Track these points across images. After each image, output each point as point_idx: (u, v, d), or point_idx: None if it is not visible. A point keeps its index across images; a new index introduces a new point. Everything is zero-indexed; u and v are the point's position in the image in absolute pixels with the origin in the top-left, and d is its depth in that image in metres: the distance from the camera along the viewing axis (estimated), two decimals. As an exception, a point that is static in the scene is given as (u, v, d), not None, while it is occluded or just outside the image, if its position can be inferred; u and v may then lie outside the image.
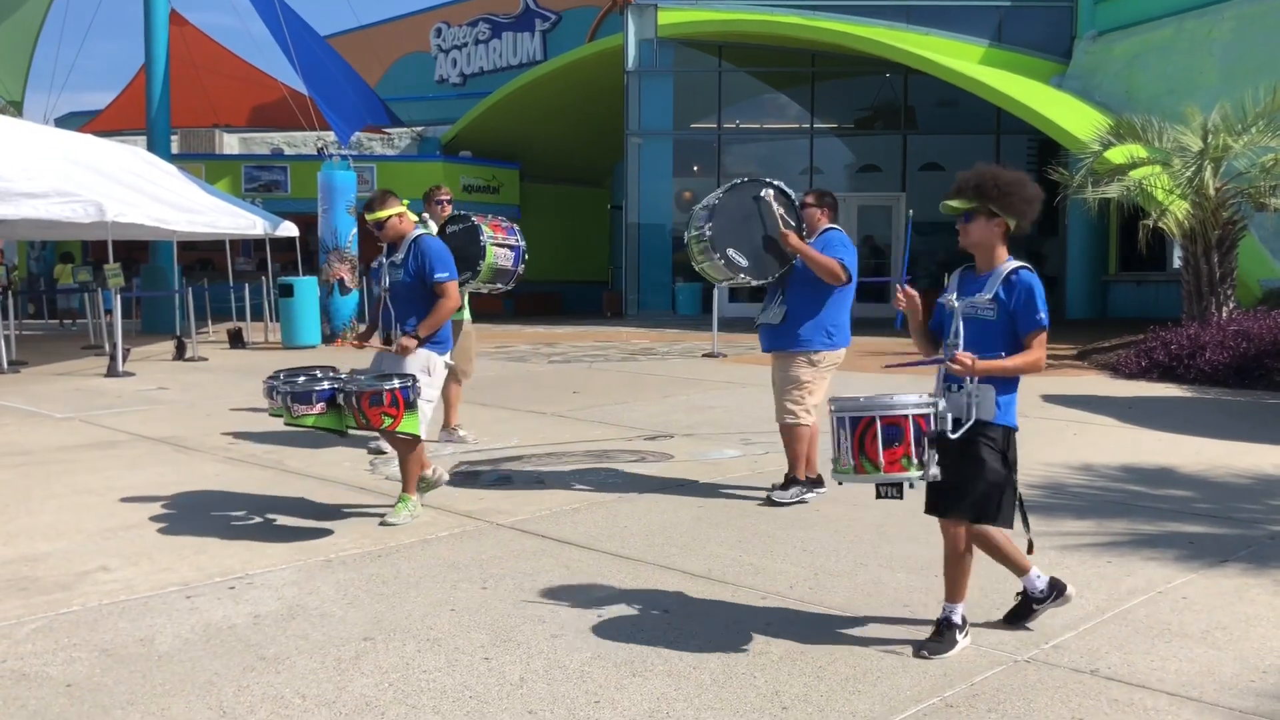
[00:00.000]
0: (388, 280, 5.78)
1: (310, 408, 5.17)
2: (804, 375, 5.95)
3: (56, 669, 3.64)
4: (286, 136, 25.61)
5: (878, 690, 3.46)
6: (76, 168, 13.93)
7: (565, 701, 3.37)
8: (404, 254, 5.73)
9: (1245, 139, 12.67)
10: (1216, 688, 3.47)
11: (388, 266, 5.79)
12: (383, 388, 5.14)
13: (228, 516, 5.78)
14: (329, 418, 5.23)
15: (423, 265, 5.69)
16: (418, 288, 5.72)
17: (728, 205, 5.88)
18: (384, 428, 5.21)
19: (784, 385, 5.99)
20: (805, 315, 5.93)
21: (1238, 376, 10.89)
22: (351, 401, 5.13)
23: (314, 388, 5.20)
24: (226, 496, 6.25)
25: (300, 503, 6.08)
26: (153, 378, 12.18)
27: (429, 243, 5.78)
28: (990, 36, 21.18)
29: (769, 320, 6.02)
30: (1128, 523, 5.59)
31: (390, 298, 5.76)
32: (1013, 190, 3.78)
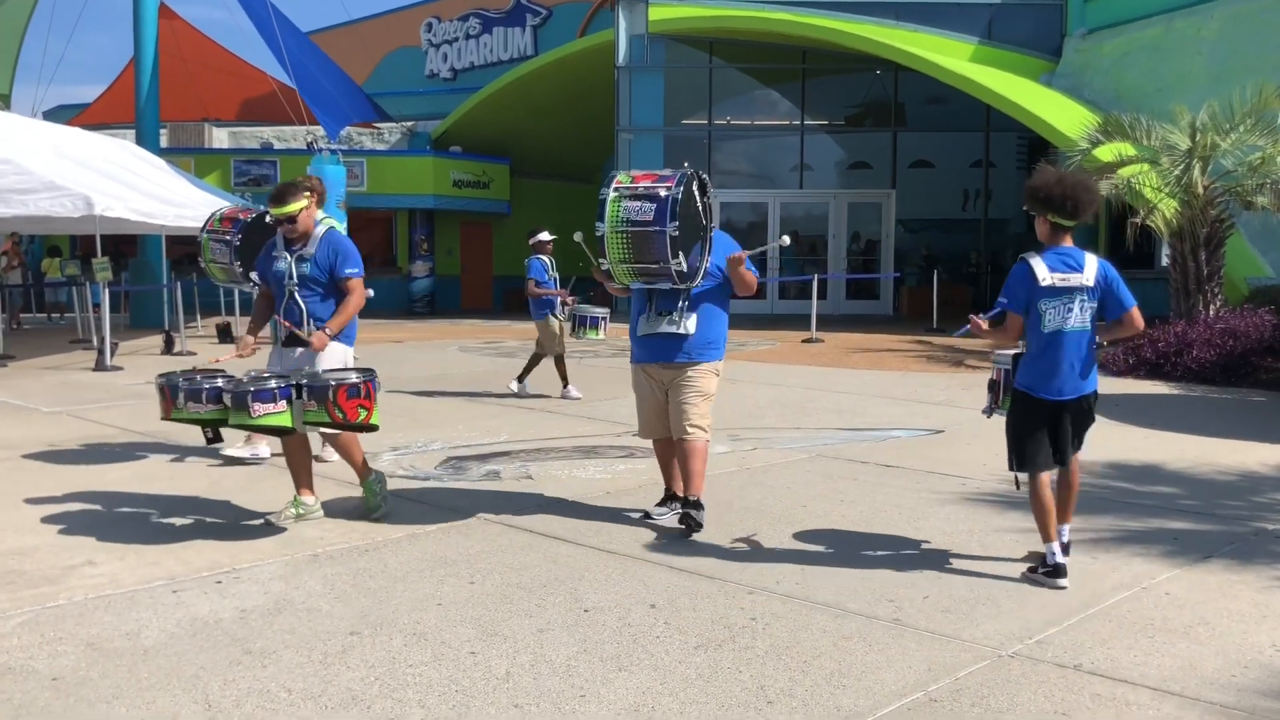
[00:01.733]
0: (294, 274, 5.56)
1: (275, 405, 5.01)
2: (712, 387, 5.43)
3: (42, 663, 3.64)
4: (276, 131, 25.52)
5: (862, 685, 3.47)
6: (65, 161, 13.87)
7: (551, 696, 3.38)
8: (313, 248, 5.57)
9: (1233, 137, 12.73)
10: (1199, 683, 3.49)
11: (292, 261, 5.56)
12: (355, 380, 5.09)
13: (215, 511, 5.77)
14: (287, 414, 5.08)
15: (334, 261, 5.56)
16: (328, 283, 5.59)
17: (685, 203, 5.02)
18: (359, 420, 5.14)
19: (690, 398, 5.33)
20: (715, 323, 5.40)
21: (1224, 374, 10.94)
22: (326, 396, 5.02)
23: (267, 385, 5.01)
24: (214, 491, 6.24)
25: (287, 497, 6.07)
26: (141, 372, 12.14)
27: (339, 238, 5.66)
28: (980, 34, 21.22)
29: (678, 330, 5.26)
30: (1113, 519, 5.62)
31: (299, 291, 5.56)
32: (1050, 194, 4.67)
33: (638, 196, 5.00)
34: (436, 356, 14.21)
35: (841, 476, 6.64)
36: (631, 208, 4.98)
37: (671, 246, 4.93)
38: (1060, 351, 4.56)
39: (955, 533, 5.35)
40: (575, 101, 24.73)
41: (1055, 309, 4.55)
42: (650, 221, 4.93)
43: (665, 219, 4.92)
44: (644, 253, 4.99)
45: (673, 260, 4.94)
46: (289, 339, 5.61)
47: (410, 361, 13.35)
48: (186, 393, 5.17)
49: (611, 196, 5.05)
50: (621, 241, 5.00)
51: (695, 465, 5.35)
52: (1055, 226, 4.62)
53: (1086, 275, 4.56)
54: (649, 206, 4.95)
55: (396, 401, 9.74)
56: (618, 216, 5.00)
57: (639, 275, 5.11)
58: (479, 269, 26.85)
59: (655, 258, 4.97)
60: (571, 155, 27.00)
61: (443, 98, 27.95)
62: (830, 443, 7.76)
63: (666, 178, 5.06)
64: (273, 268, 5.64)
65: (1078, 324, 4.57)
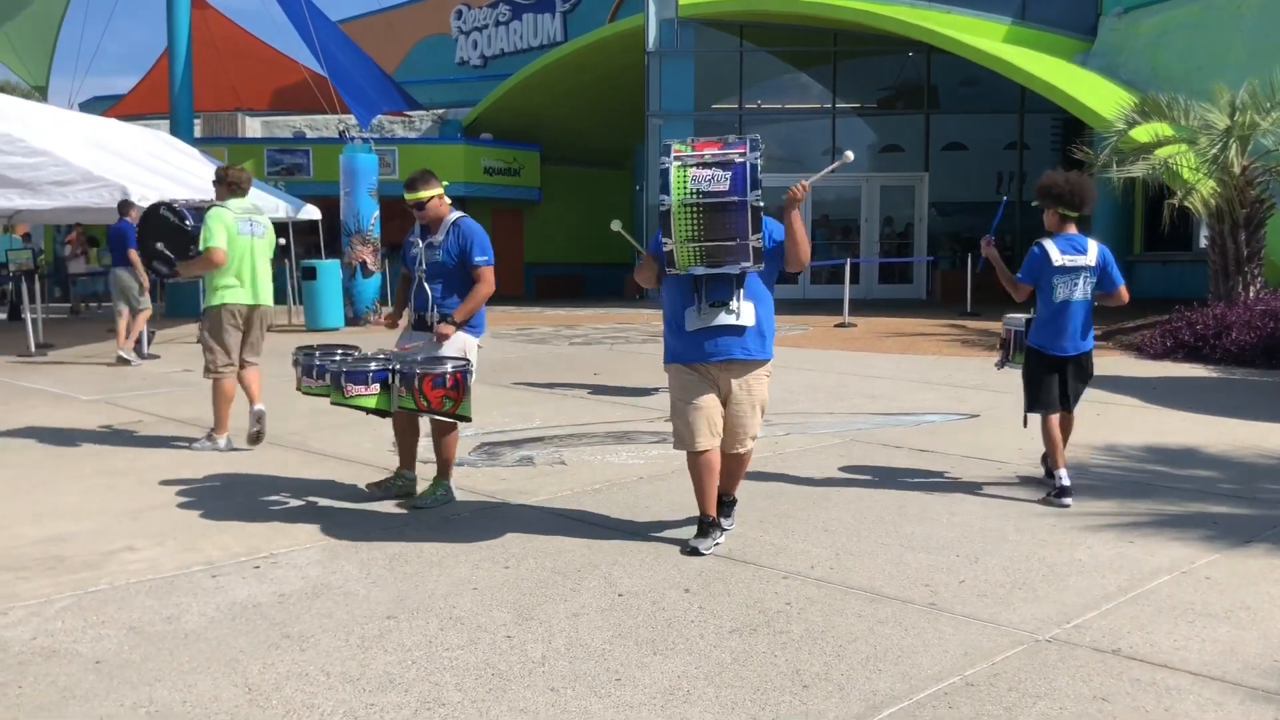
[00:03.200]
0: (424, 262, 5.64)
1: (366, 388, 5.10)
2: (766, 392, 4.87)
3: (85, 646, 3.69)
4: (308, 119, 25.66)
5: (898, 669, 3.46)
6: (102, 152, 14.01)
7: (587, 679, 3.39)
8: (443, 236, 5.61)
9: (1273, 116, 12.53)
10: (1240, 667, 3.45)
11: (424, 248, 5.64)
12: (445, 370, 5.08)
13: (252, 497, 5.83)
14: (380, 398, 5.16)
15: (465, 248, 5.58)
16: (457, 270, 5.62)
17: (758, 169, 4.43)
18: (445, 410, 5.10)
19: (748, 407, 4.77)
20: (767, 312, 4.77)
21: (1265, 357, 10.79)
22: (413, 383, 5.03)
23: (366, 368, 5.12)
24: (251, 477, 6.30)
25: (324, 483, 6.13)
26: (178, 360, 12.28)
27: (471, 226, 5.67)
28: (1014, 14, 20.97)
29: (736, 320, 4.63)
30: (1151, 503, 5.57)
31: (427, 279, 5.62)
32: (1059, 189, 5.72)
33: (706, 165, 4.35)
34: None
35: (875, 461, 6.61)
36: (701, 176, 4.31)
37: (754, 219, 4.30)
38: (1066, 318, 5.66)
39: (990, 516, 5.31)
40: (605, 87, 24.69)
41: (1064, 284, 5.63)
42: (726, 191, 4.29)
43: (744, 187, 4.29)
44: (719, 228, 4.32)
45: (753, 235, 4.30)
46: (417, 323, 5.70)
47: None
48: (304, 368, 5.39)
49: (675, 165, 4.39)
50: (691, 216, 4.33)
51: (742, 471, 5.04)
52: (1063, 217, 5.70)
53: (1089, 257, 5.65)
54: (723, 174, 4.30)
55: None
56: (686, 187, 4.33)
57: (707, 256, 4.41)
58: (510, 256, 26.85)
59: (733, 233, 4.30)
60: (601, 142, 26.97)
61: (473, 85, 27.98)
62: (864, 427, 7.72)
63: (735, 143, 4.45)
64: (408, 254, 5.73)
65: (1081, 295, 5.66)
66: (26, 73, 26.03)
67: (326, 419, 8.26)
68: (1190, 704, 3.19)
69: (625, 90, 23.49)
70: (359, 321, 17.31)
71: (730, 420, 4.78)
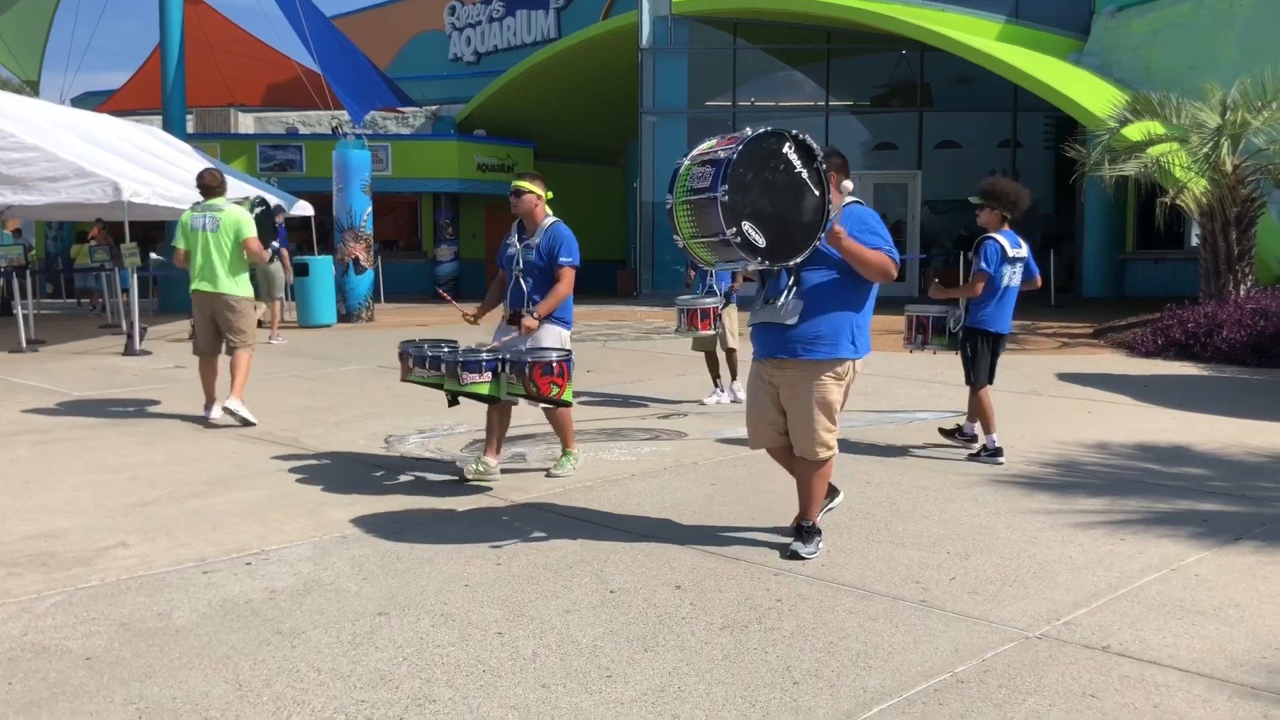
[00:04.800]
0: (520, 261, 6.15)
1: (480, 376, 5.63)
2: (833, 394, 4.62)
3: (76, 642, 3.69)
4: (301, 115, 25.61)
5: (889, 666, 3.47)
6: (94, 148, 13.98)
7: (578, 676, 3.40)
8: (538, 238, 6.13)
9: (1265, 115, 12.55)
10: (1228, 664, 3.47)
11: (521, 249, 6.16)
12: (551, 359, 5.61)
13: (244, 493, 5.82)
14: (492, 385, 5.68)
15: (554, 248, 6.09)
16: (549, 270, 6.13)
17: (745, 164, 4.22)
18: (552, 395, 5.60)
19: (807, 410, 4.61)
20: (829, 311, 4.56)
21: (1255, 355, 10.83)
22: (523, 371, 5.56)
23: (480, 358, 5.66)
24: (243, 473, 6.30)
25: (316, 480, 6.13)
26: (170, 356, 12.25)
27: (562, 230, 6.19)
28: (1007, 12, 21.01)
29: (778, 318, 4.58)
30: (1141, 501, 5.58)
31: (522, 277, 6.15)
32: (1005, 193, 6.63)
33: (704, 162, 4.29)
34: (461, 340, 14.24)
35: (867, 458, 6.63)
36: (696, 174, 4.29)
37: (724, 214, 4.12)
38: (1008, 301, 6.64)
39: (981, 514, 5.33)
40: (599, 84, 24.67)
41: (1010, 272, 6.60)
42: (706, 188, 4.20)
43: (717, 183, 4.15)
44: (705, 224, 4.24)
45: (728, 230, 4.13)
46: (511, 318, 6.19)
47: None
48: (415, 359, 5.88)
49: (685, 165, 4.39)
50: (686, 213, 4.30)
51: (815, 487, 4.71)
52: (1003, 217, 6.63)
53: (1024, 250, 6.67)
54: (708, 171, 4.23)
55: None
56: (685, 185, 4.33)
57: (713, 251, 4.34)
58: (503, 252, 26.90)
59: (713, 229, 4.21)
60: (595, 138, 26.96)
61: (466, 81, 27.94)
62: (855, 425, 7.73)
63: (734, 139, 4.31)
64: (505, 254, 6.27)
65: (1016, 282, 6.68)
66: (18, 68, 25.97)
67: (319, 416, 8.26)
68: (1179, 700, 3.21)
69: (619, 87, 23.48)
70: (351, 318, 17.29)
71: (791, 424, 4.68)
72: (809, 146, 4.33)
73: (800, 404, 4.61)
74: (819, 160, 4.34)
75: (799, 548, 4.64)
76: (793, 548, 4.65)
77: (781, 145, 4.29)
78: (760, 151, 4.25)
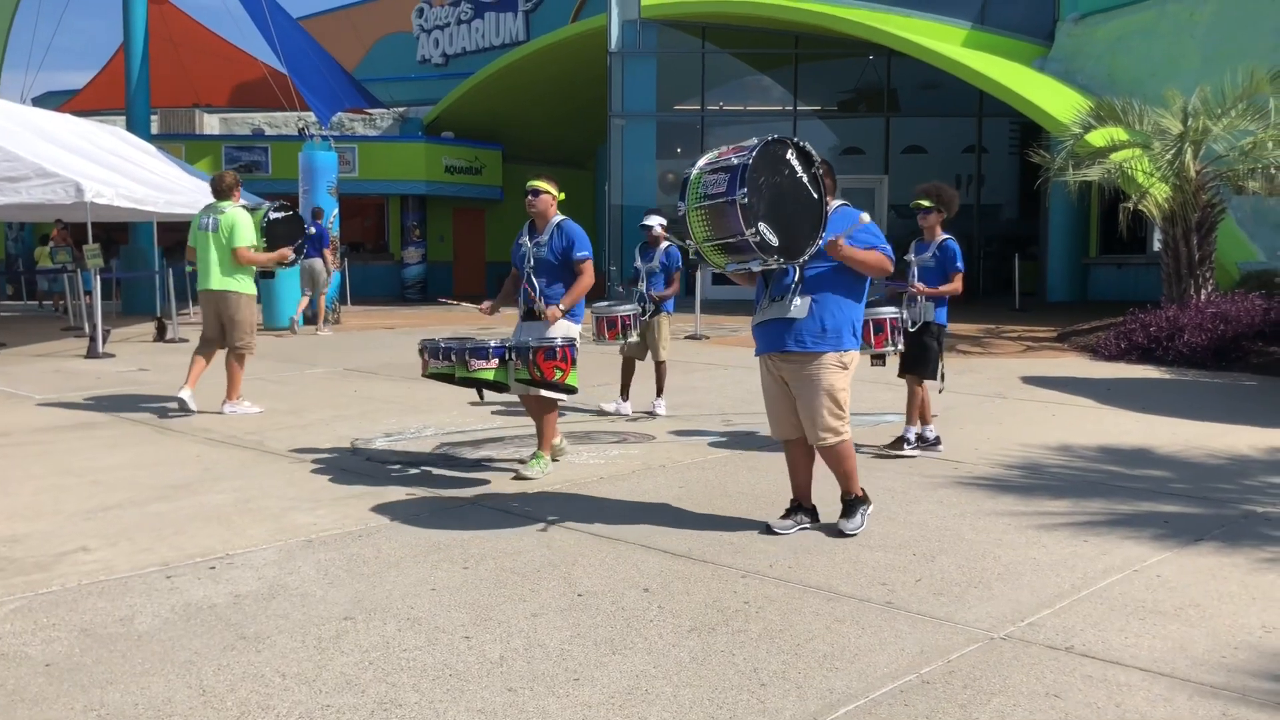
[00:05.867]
0: (532, 258, 6.32)
1: (487, 362, 5.87)
2: (839, 381, 4.95)
3: (35, 649, 3.64)
4: (267, 117, 25.44)
5: (855, 667, 3.49)
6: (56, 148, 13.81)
7: (545, 679, 3.39)
8: (548, 236, 6.32)
9: (1224, 122, 12.74)
10: (1189, 664, 3.51)
11: (531, 246, 6.34)
12: (555, 344, 5.90)
13: (208, 497, 5.77)
14: (500, 371, 5.91)
15: (568, 245, 6.27)
16: (560, 266, 6.29)
17: (758, 169, 4.55)
18: (555, 380, 5.88)
19: (815, 399, 4.93)
20: (833, 307, 4.92)
21: (1215, 358, 10.97)
22: (528, 355, 5.84)
23: (487, 345, 5.89)
24: (207, 477, 6.24)
25: (281, 483, 6.08)
26: (133, 359, 12.12)
27: (571, 227, 6.36)
28: (973, 19, 21.18)
29: (787, 314, 4.88)
30: (1105, 502, 5.64)
31: (534, 273, 6.31)
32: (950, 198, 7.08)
33: (716, 170, 4.62)
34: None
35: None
36: (709, 181, 4.62)
37: (743, 215, 4.44)
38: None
39: (946, 516, 5.37)
40: (567, 87, 24.66)
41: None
42: (722, 193, 4.52)
43: (735, 187, 4.48)
44: (722, 227, 4.55)
45: (748, 231, 4.45)
46: (526, 313, 6.36)
47: (403, 347, 13.33)
48: (429, 351, 6.07)
49: (694, 175, 4.70)
50: (701, 218, 4.62)
51: (845, 467, 5.05)
52: (944, 220, 7.07)
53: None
54: (722, 178, 4.56)
55: (389, 387, 9.75)
56: (697, 193, 4.64)
57: (727, 253, 4.64)
58: (472, 255, 26.81)
59: (731, 230, 4.52)
60: (564, 141, 26.94)
61: (434, 83, 27.86)
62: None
63: (743, 147, 4.64)
64: (517, 253, 6.46)
65: None
66: (-22, 66, 25.57)
67: (285, 419, 8.20)
68: (1140, 699, 3.24)
69: (588, 90, 23.49)
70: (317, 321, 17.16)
71: (800, 410, 5.01)
72: (808, 153, 4.69)
73: (808, 393, 4.94)
74: (816, 165, 4.68)
75: (844, 524, 5.04)
76: (838, 525, 5.05)
77: (785, 151, 4.65)
78: (770, 157, 4.59)
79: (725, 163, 4.61)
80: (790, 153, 4.66)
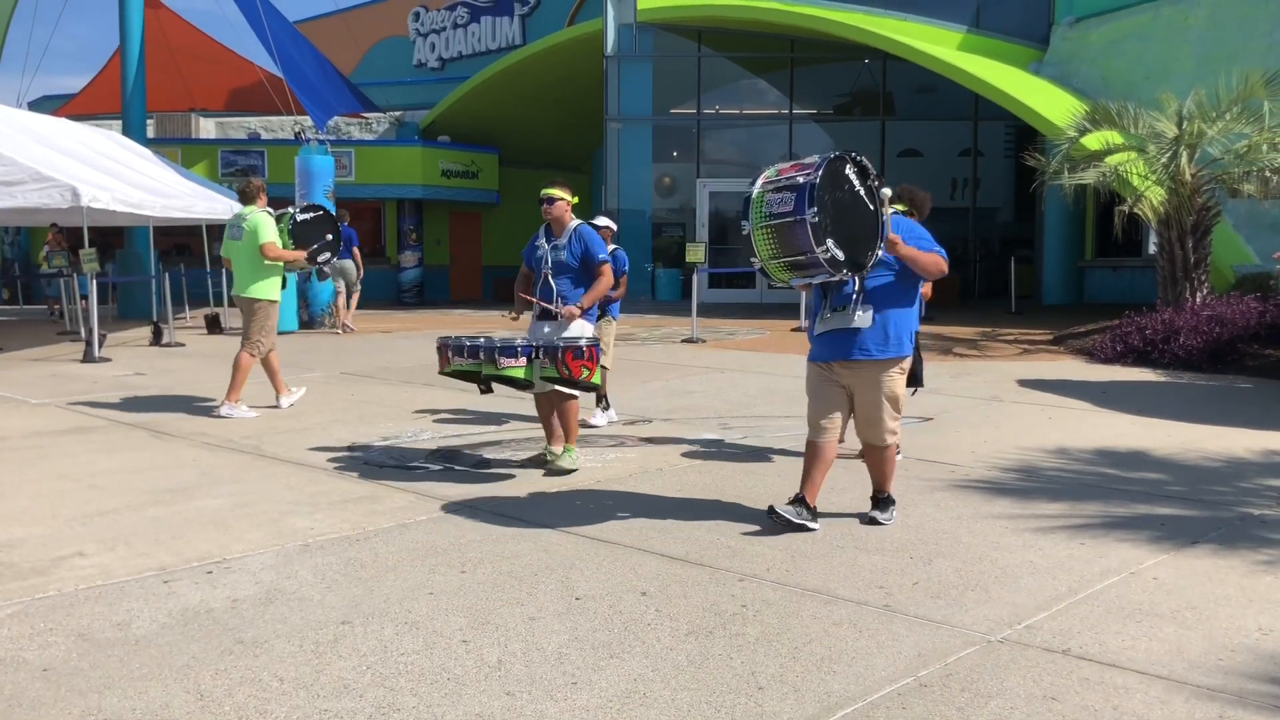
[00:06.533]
0: (550, 261, 6.60)
1: (516, 360, 6.05)
2: (900, 388, 5.23)
3: (33, 653, 3.63)
4: (263, 121, 25.43)
5: (853, 670, 3.49)
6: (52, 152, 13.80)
7: (543, 683, 3.39)
8: (565, 239, 6.62)
9: (1219, 125, 12.76)
10: (1185, 666, 3.52)
11: (550, 249, 6.63)
12: (581, 344, 6.06)
13: (205, 501, 5.76)
14: (527, 370, 6.09)
15: (586, 249, 6.58)
16: (579, 268, 6.59)
17: (824, 187, 4.72)
18: (582, 378, 6.03)
19: (880, 401, 5.18)
20: (897, 316, 5.17)
21: (1211, 361, 10.99)
22: (555, 355, 6.01)
23: (515, 344, 6.09)
24: (204, 481, 6.23)
25: (278, 487, 6.08)
26: (129, 363, 12.11)
27: (587, 231, 6.69)
28: (968, 22, 21.22)
29: (855, 324, 5.06)
30: (1101, 505, 5.65)
31: (552, 275, 6.59)
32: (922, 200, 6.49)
33: (779, 189, 4.77)
34: (426, 346, 14.17)
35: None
36: (774, 200, 4.78)
37: (814, 234, 4.62)
38: None
39: (943, 519, 5.37)
40: (564, 91, 24.67)
41: None
42: (790, 212, 4.70)
43: (804, 206, 4.65)
44: (790, 245, 4.73)
45: (818, 249, 4.64)
46: (541, 314, 6.64)
47: (400, 352, 13.34)
48: (453, 349, 6.25)
49: (755, 194, 4.87)
50: (767, 236, 4.78)
51: (886, 467, 5.33)
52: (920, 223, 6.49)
53: None
54: (789, 196, 4.72)
55: (386, 391, 9.75)
56: (761, 212, 4.80)
57: (793, 270, 4.84)
58: (468, 259, 26.80)
59: (800, 248, 4.70)
60: (560, 145, 26.94)
61: (431, 87, 27.84)
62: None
63: (806, 165, 4.81)
64: (534, 255, 6.73)
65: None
66: (-26, 71, 25.58)
67: (282, 423, 8.20)
68: (1137, 702, 3.25)
69: (584, 94, 23.50)
70: (314, 324, 17.16)
71: (859, 415, 5.26)
72: (865, 166, 4.89)
73: (872, 398, 5.18)
74: (872, 178, 4.89)
75: (878, 514, 5.31)
76: (871, 514, 5.33)
77: (844, 167, 4.83)
78: (832, 174, 4.77)
79: (789, 181, 4.77)
80: (849, 167, 4.85)
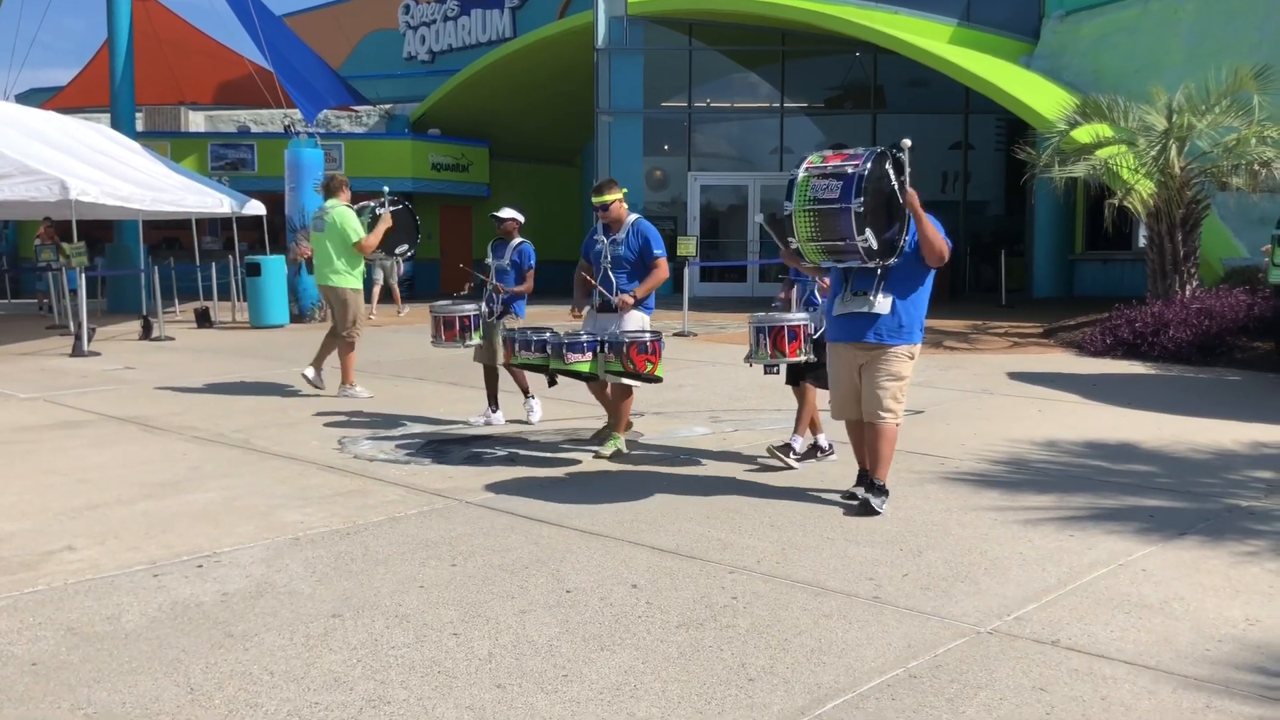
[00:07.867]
0: (609, 255, 6.85)
1: (583, 355, 6.22)
2: (905, 370, 5.39)
3: (21, 648, 3.63)
4: (253, 114, 25.32)
5: (843, 662, 3.50)
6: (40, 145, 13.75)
7: (533, 675, 3.39)
8: (624, 235, 6.88)
9: (1208, 119, 12.79)
10: (1173, 656, 3.54)
11: (608, 244, 6.88)
12: (646, 338, 6.20)
13: (195, 495, 5.75)
14: (591, 364, 6.26)
15: (645, 244, 6.84)
16: (638, 262, 6.85)
17: (870, 179, 4.98)
18: (646, 372, 6.18)
19: (883, 382, 5.34)
20: (911, 304, 5.35)
21: (1200, 354, 11.03)
22: (621, 350, 6.14)
23: (581, 339, 6.26)
24: (194, 475, 6.22)
25: (269, 481, 6.07)
26: (119, 357, 12.08)
27: (646, 226, 6.94)
28: (959, 15, 21.23)
29: (871, 309, 5.26)
30: (1090, 497, 5.67)
31: (612, 269, 6.84)
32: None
33: (826, 175, 5.05)
34: (417, 340, 14.14)
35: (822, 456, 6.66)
36: (819, 185, 5.04)
37: (857, 223, 4.91)
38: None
39: (933, 511, 5.39)
40: (554, 84, 24.62)
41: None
42: (836, 199, 4.97)
43: (850, 195, 4.93)
44: (830, 230, 5.02)
45: (858, 236, 4.93)
46: (602, 306, 6.87)
47: (391, 346, 13.31)
48: (520, 343, 6.49)
49: (801, 176, 5.14)
50: (809, 219, 5.06)
51: (883, 449, 5.41)
52: None
53: None
54: (836, 184, 4.99)
55: (378, 385, 9.73)
56: (805, 195, 5.07)
57: (828, 253, 5.15)
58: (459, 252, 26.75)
59: (841, 234, 4.98)
60: (551, 138, 26.90)
61: (421, 80, 27.77)
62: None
63: (856, 156, 5.06)
64: (593, 249, 6.98)
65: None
66: (-39, 63, 25.40)
67: (271, 417, 8.18)
68: (1125, 692, 3.27)
69: (575, 87, 23.45)
70: (304, 318, 17.12)
71: (865, 390, 5.42)
72: (901, 162, 5.10)
73: (879, 378, 5.35)
74: (906, 174, 5.09)
75: (870, 498, 5.36)
76: (863, 496, 5.39)
77: (885, 163, 5.07)
78: (877, 167, 5.02)
79: (836, 169, 5.03)
80: (888, 163, 5.07)
